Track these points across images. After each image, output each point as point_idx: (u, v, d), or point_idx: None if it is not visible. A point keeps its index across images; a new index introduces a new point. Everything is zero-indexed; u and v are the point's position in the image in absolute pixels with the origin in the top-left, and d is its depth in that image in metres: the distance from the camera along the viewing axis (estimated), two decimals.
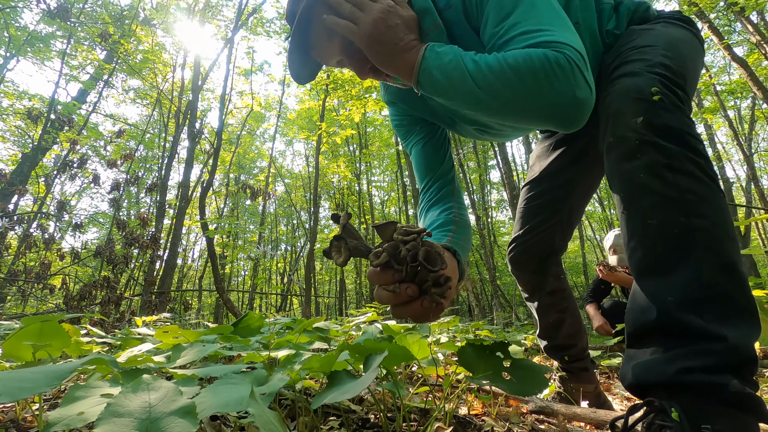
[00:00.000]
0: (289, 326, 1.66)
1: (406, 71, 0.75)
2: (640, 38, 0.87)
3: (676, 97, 0.71)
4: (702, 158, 0.67)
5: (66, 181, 10.31)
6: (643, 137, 0.67)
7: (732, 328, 0.57)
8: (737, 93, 9.02)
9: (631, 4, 0.97)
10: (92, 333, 1.58)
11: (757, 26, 6.21)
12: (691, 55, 0.86)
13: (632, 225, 0.68)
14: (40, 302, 5.58)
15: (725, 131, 17.66)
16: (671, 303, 0.60)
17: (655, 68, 0.75)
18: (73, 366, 0.52)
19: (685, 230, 0.62)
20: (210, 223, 6.00)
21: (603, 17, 0.96)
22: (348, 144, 14.38)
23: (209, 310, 15.63)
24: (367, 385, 0.58)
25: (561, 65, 0.63)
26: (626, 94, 0.73)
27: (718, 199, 0.65)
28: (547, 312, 1.24)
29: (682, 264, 0.61)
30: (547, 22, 0.70)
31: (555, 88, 0.64)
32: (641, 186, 0.67)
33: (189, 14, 7.57)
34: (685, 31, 0.92)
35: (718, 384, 0.54)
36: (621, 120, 0.71)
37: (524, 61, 0.64)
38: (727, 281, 0.60)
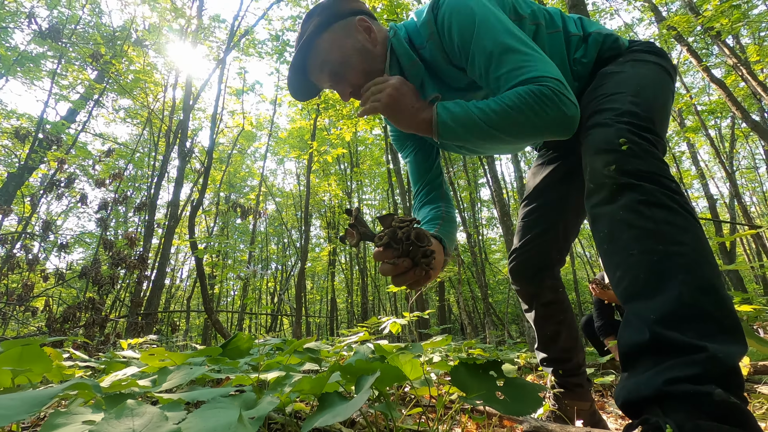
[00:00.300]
0: (279, 347, 1.63)
1: (426, 128, 0.91)
2: (610, 83, 0.93)
3: (647, 142, 0.77)
4: (677, 194, 0.72)
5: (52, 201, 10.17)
6: (619, 181, 0.74)
7: (713, 342, 0.59)
8: (717, 112, 9.32)
9: (598, 36, 1.03)
10: (75, 357, 1.53)
11: (733, 49, 6.46)
12: (660, 93, 0.92)
13: (616, 258, 0.72)
14: (22, 325, 5.41)
15: (707, 149, 18.15)
16: (654, 322, 0.63)
17: (624, 117, 0.81)
18: (54, 392, 0.50)
19: (663, 257, 0.66)
20: (199, 243, 5.94)
21: (571, 47, 1.04)
22: (339, 163, 14.45)
23: (197, 332, 15.30)
24: (358, 407, 0.57)
25: (547, 96, 0.79)
26: (598, 145, 0.80)
27: (695, 228, 0.69)
28: (543, 323, 1.26)
29: (664, 287, 0.64)
30: (525, 59, 0.84)
31: (549, 114, 0.80)
32: (621, 222, 0.72)
33: (181, 35, 7.65)
34: (654, 67, 0.97)
35: (704, 393, 0.55)
36: (596, 169, 0.78)
37: (518, 100, 0.80)
38: (707, 301, 0.62)
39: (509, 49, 0.85)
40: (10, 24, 7.18)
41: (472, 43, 0.89)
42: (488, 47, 0.87)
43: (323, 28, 0.98)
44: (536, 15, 1.03)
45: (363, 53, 1.00)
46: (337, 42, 0.98)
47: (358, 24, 1.00)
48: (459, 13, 0.91)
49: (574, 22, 1.07)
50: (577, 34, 1.04)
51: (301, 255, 8.06)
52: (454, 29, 0.92)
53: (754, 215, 18.36)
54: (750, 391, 1.53)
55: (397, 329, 1.97)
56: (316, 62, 1.00)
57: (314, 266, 18.37)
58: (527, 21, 1.00)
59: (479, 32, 0.88)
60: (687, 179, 13.62)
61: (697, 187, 14.43)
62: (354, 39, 0.99)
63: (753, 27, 8.67)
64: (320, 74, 1.02)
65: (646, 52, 1.01)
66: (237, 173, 15.56)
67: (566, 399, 1.24)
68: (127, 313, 5.37)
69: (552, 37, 1.02)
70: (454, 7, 0.92)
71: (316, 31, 0.98)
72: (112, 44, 7.73)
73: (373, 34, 1.01)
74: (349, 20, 1.00)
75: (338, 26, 0.99)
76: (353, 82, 1.01)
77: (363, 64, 1.00)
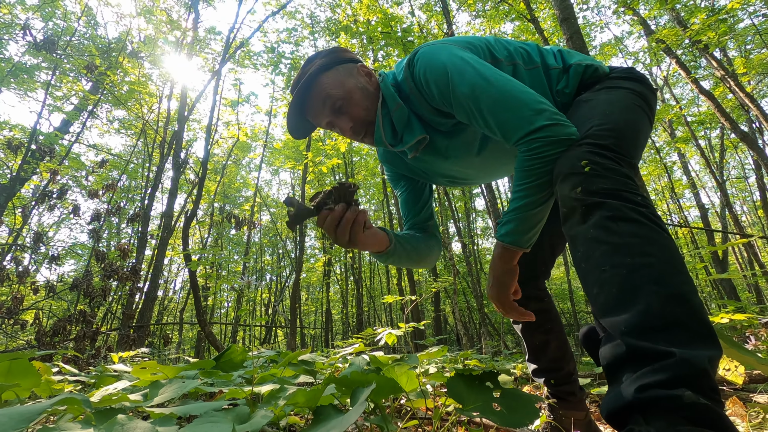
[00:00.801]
0: (273, 359, 1.62)
1: (512, 264, 0.98)
2: (581, 111, 0.97)
3: (609, 161, 0.80)
4: (642, 207, 0.74)
5: (44, 212, 10.07)
6: (586, 202, 0.76)
7: (683, 348, 0.60)
8: (707, 123, 9.48)
9: (579, 67, 1.07)
10: (65, 371, 1.50)
11: (720, 62, 6.60)
12: (630, 116, 0.95)
13: (591, 277, 0.74)
14: (10, 339, 5.31)
15: (698, 159, 18.40)
16: (627, 333, 0.64)
17: (586, 140, 0.84)
18: (42, 407, 0.49)
19: (632, 270, 0.67)
20: (193, 254, 5.89)
21: (552, 80, 1.08)
22: (334, 173, 14.47)
23: (190, 344, 15.10)
24: (354, 420, 0.57)
25: (547, 149, 0.85)
26: (563, 171, 0.83)
27: (662, 239, 0.70)
28: (531, 333, 1.27)
29: (634, 299, 0.66)
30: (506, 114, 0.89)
31: (557, 152, 0.85)
32: (592, 240, 0.74)
33: (177, 47, 7.69)
34: (626, 92, 1.00)
35: (674, 396, 0.56)
36: (564, 194, 0.81)
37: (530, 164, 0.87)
38: (676, 309, 0.64)
39: (486, 92, 0.90)
40: (5, 35, 7.18)
41: (451, 95, 0.95)
42: (466, 93, 0.92)
43: (327, 68, 1.06)
44: (512, 56, 1.07)
45: (364, 92, 1.06)
46: (340, 79, 1.05)
47: (360, 68, 1.09)
48: (432, 69, 0.97)
49: (553, 55, 1.11)
50: (557, 67, 1.08)
51: (296, 266, 8.02)
52: (431, 85, 0.98)
53: (744, 224, 18.58)
54: (746, 401, 1.53)
55: (392, 340, 1.96)
56: (318, 98, 1.05)
57: (309, 277, 18.27)
58: (504, 63, 1.05)
59: (454, 82, 0.93)
60: (678, 189, 13.78)
61: (689, 196, 14.61)
62: (356, 79, 1.07)
63: (739, 40, 8.87)
64: (322, 109, 1.06)
65: (623, 78, 1.05)
66: (232, 184, 15.52)
67: (561, 409, 1.24)
68: (118, 325, 5.29)
69: (531, 74, 1.06)
70: (426, 65, 0.98)
71: (319, 71, 1.05)
72: (107, 56, 7.74)
73: (373, 79, 1.09)
74: (351, 65, 1.09)
75: (342, 68, 1.07)
76: (354, 116, 1.06)
77: (365, 101, 1.06)
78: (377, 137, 1.08)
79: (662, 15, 9.36)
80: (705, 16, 5.64)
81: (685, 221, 14.36)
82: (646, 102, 1.02)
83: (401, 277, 10.01)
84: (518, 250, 0.95)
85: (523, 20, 7.30)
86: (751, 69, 7.33)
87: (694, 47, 6.71)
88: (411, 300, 4.81)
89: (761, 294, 13.50)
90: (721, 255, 9.95)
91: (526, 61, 1.07)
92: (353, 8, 7.86)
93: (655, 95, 1.07)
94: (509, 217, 0.93)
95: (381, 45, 6.75)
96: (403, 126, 1.07)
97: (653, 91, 1.06)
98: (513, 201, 0.92)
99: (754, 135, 9.35)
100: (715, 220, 16.06)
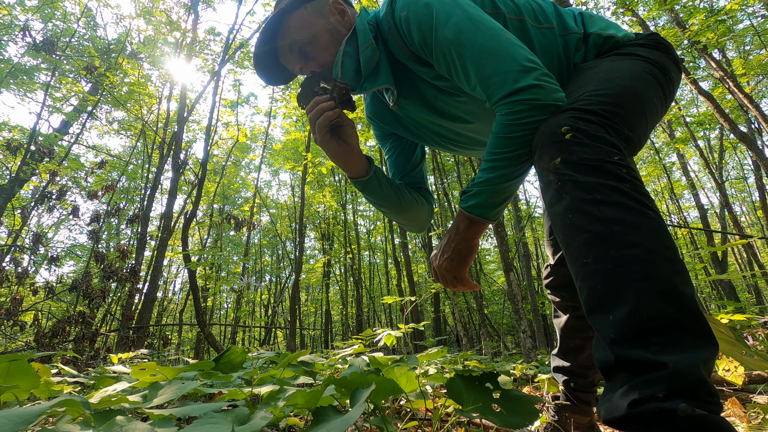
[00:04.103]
0: (272, 360, 1.61)
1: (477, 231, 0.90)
2: (579, 78, 0.89)
3: (595, 125, 0.71)
4: (626, 183, 0.66)
5: (44, 213, 10.06)
6: (562, 178, 0.68)
7: (675, 354, 0.57)
8: (705, 124, 9.49)
9: (598, 38, 0.95)
10: (64, 372, 1.50)
11: (719, 63, 6.61)
12: (634, 83, 0.83)
13: (573, 266, 0.68)
14: (9, 340, 5.30)
15: (697, 160, 18.42)
16: (615, 342, 0.60)
17: (573, 105, 0.76)
18: (41, 409, 0.49)
19: (617, 264, 0.62)
20: (192, 255, 5.88)
21: (569, 48, 0.96)
22: (334, 174, 14.47)
23: (190, 345, 15.07)
24: (353, 422, 0.57)
25: (530, 114, 0.76)
26: (541, 139, 0.75)
27: (648, 221, 0.64)
28: (571, 334, 1.21)
29: (621, 299, 0.61)
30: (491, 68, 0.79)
31: (541, 120, 0.76)
32: (571, 226, 0.67)
33: (176, 48, 7.69)
34: (637, 60, 0.88)
35: (668, 410, 0.54)
36: (542, 165, 0.73)
37: (509, 131, 0.78)
38: (668, 307, 0.59)
39: (470, 42, 0.81)
40: (4, 36, 7.18)
41: (432, 41, 0.85)
42: (448, 38, 0.82)
43: (295, 6, 0.95)
44: (520, 10, 0.95)
45: (333, 33, 0.97)
46: (307, 20, 0.95)
47: (332, 5, 0.98)
48: (415, 7, 0.86)
49: (573, 18, 0.98)
50: (578, 32, 0.96)
51: (296, 266, 8.01)
52: (412, 26, 0.87)
53: (744, 224, 18.59)
54: (746, 401, 1.53)
55: (392, 341, 1.96)
56: (284, 43, 0.97)
57: (309, 278, 18.26)
58: (507, 16, 0.93)
59: (437, 25, 0.83)
60: (678, 189, 13.79)
61: (688, 197, 14.61)
62: (326, 20, 0.97)
63: (738, 41, 8.89)
64: (290, 55, 0.98)
65: (640, 46, 0.92)
66: (231, 185, 15.51)
67: (568, 411, 1.23)
68: (118, 327, 5.28)
69: (543, 34, 0.94)
70: (409, 3, 0.88)
71: (286, 10, 0.95)
72: (106, 57, 7.74)
73: (347, 17, 0.99)
74: (321, 1, 0.98)
75: (311, 5, 0.96)
76: (322, 62, 0.98)
77: (333, 45, 0.96)
78: (334, 74, 0.95)
79: (661, 16, 9.38)
80: (704, 17, 5.65)
81: (684, 222, 14.38)
82: (663, 72, 0.89)
83: (401, 278, 10.01)
84: (485, 223, 0.87)
85: None
86: (750, 70, 7.34)
87: (693, 48, 6.71)
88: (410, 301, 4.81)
89: (761, 294, 13.51)
90: (720, 256, 9.95)
91: (537, 18, 0.95)
92: None
93: (679, 66, 0.95)
94: (479, 188, 0.83)
95: None
96: (370, 68, 0.95)
97: (676, 60, 0.94)
98: (485, 170, 0.82)
99: (753, 136, 9.36)
100: (715, 221, 16.08)
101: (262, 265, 18.07)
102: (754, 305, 10.12)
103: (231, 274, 15.68)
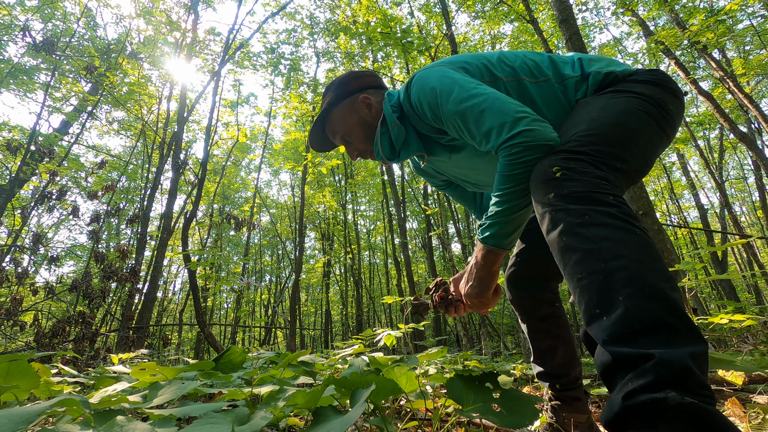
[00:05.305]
0: (272, 360, 1.62)
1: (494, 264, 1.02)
2: (574, 114, 0.99)
3: (586, 164, 0.80)
4: (613, 207, 0.73)
5: (43, 213, 10.06)
6: (556, 208, 0.77)
7: (662, 348, 0.60)
8: (705, 124, 9.49)
9: (598, 75, 1.04)
10: (64, 372, 1.50)
11: (719, 63, 6.61)
12: (623, 120, 0.91)
13: (571, 284, 0.74)
14: (9, 340, 5.30)
15: (697, 160, 18.43)
16: (609, 342, 0.65)
17: (564, 146, 0.86)
18: (41, 408, 0.49)
19: (607, 275, 0.67)
20: (192, 255, 5.88)
21: (569, 90, 1.06)
22: (334, 174, 14.47)
23: (190, 345, 15.07)
24: (353, 422, 0.57)
25: (525, 153, 0.87)
26: (535, 178, 0.85)
27: (635, 237, 0.70)
28: (539, 337, 1.26)
29: (612, 304, 0.65)
30: (489, 124, 0.93)
31: (536, 158, 0.87)
32: (566, 248, 0.74)
33: (176, 48, 7.69)
34: (630, 97, 0.96)
35: (659, 399, 0.56)
36: (537, 199, 0.83)
37: (510, 170, 0.90)
38: (655, 308, 0.63)
39: (471, 109, 0.96)
40: (4, 36, 7.18)
41: (441, 115, 1.02)
42: (452, 110, 0.99)
43: (334, 105, 1.21)
44: (516, 72, 1.07)
45: (364, 126, 1.20)
46: (344, 116, 1.21)
47: (361, 101, 1.20)
48: (424, 93, 1.05)
49: (571, 65, 1.09)
50: (573, 76, 1.06)
51: (296, 266, 8.01)
52: (425, 107, 1.05)
53: (744, 224, 18.60)
54: (746, 401, 1.52)
55: (392, 341, 1.96)
56: (330, 130, 1.25)
57: (309, 278, 18.26)
58: (504, 81, 1.06)
59: (442, 102, 1.01)
60: (678, 189, 13.80)
61: (688, 197, 14.63)
62: (357, 115, 1.20)
63: (738, 41, 8.89)
64: (334, 137, 1.27)
65: (638, 82, 1.00)
66: (231, 185, 15.51)
67: (564, 411, 1.24)
68: (118, 327, 5.28)
69: (540, 87, 1.06)
70: (419, 89, 1.06)
71: (328, 108, 1.22)
72: (106, 57, 7.73)
73: (373, 109, 1.20)
74: (354, 98, 1.21)
75: (347, 102, 1.21)
76: (358, 147, 1.23)
77: (364, 135, 1.21)
78: (375, 151, 1.21)
79: (661, 16, 9.38)
80: (704, 17, 5.65)
81: (684, 222, 14.38)
82: (659, 106, 0.96)
83: (401, 278, 10.01)
84: (501, 252, 0.98)
85: (523, 21, 7.31)
86: (749, 70, 7.34)
87: (692, 48, 6.72)
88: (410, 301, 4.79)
89: (761, 294, 13.52)
90: (720, 255, 9.96)
91: (535, 74, 1.07)
92: (353, 9, 7.87)
93: (679, 97, 1.01)
94: (492, 221, 0.96)
95: (380, 46, 6.75)
96: (401, 143, 1.18)
97: (675, 93, 1.00)
98: (495, 204, 0.95)
99: (753, 135, 9.36)
100: (715, 221, 16.08)
101: (262, 265, 18.08)
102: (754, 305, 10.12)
103: (231, 274, 15.68)
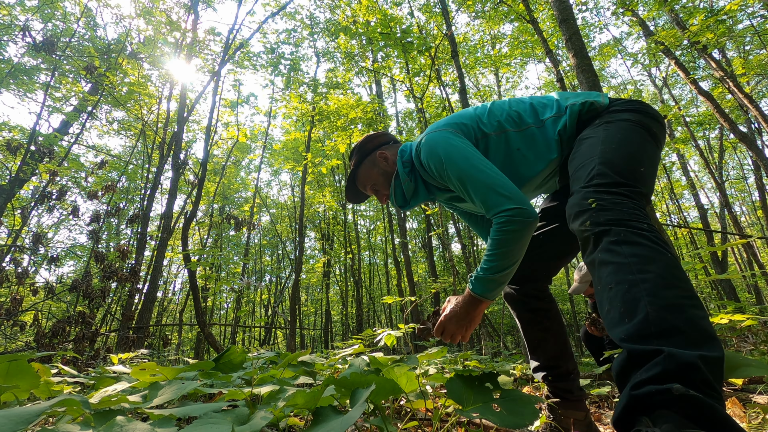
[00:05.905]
0: (272, 360, 1.62)
1: (479, 306, 1.16)
2: (582, 149, 1.09)
3: (615, 195, 0.90)
4: (646, 232, 0.81)
5: (43, 213, 10.06)
6: (594, 231, 0.86)
7: (672, 347, 0.63)
8: (705, 124, 9.48)
9: (574, 107, 1.19)
10: (64, 372, 1.50)
11: (719, 62, 6.60)
12: (632, 148, 1.03)
13: (603, 296, 0.80)
14: (9, 340, 5.30)
15: (697, 160, 18.43)
16: (626, 340, 0.69)
17: (592, 180, 0.96)
18: (41, 409, 0.49)
19: (633, 285, 0.74)
20: (192, 255, 5.88)
21: (548, 129, 1.22)
22: (334, 174, 14.47)
23: (190, 345, 15.06)
24: (353, 422, 0.57)
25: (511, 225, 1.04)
26: (574, 210, 0.95)
27: (662, 257, 0.76)
28: (529, 329, 1.36)
29: (635, 310, 0.71)
30: (484, 197, 1.10)
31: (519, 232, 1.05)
32: (601, 263, 0.82)
33: (176, 48, 7.68)
34: (626, 124, 1.09)
35: (663, 390, 0.59)
36: (575, 228, 0.93)
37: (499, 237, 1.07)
38: (673, 317, 0.67)
39: (470, 180, 1.13)
40: (4, 37, 7.17)
41: (446, 178, 1.21)
42: (455, 177, 1.17)
43: (359, 165, 1.48)
44: (502, 125, 1.25)
45: (385, 175, 1.45)
46: (368, 172, 1.47)
47: (378, 157, 1.45)
48: (432, 158, 1.23)
49: (550, 107, 1.24)
50: (551, 116, 1.22)
51: (296, 266, 8.01)
52: (432, 169, 1.24)
53: (744, 224, 18.59)
54: (746, 401, 1.53)
55: (392, 341, 1.96)
56: (360, 184, 1.52)
57: (309, 278, 18.24)
58: (493, 137, 1.25)
59: (447, 168, 1.18)
60: (678, 189, 13.79)
61: (688, 197, 14.63)
62: (378, 167, 1.45)
63: (738, 41, 8.89)
64: (364, 189, 1.52)
65: (621, 111, 1.13)
66: (231, 185, 15.50)
67: (560, 408, 1.25)
68: (118, 327, 5.28)
69: (524, 134, 1.24)
70: (428, 154, 1.24)
71: (355, 168, 1.49)
72: (106, 57, 7.73)
73: (390, 160, 1.44)
74: (373, 156, 1.46)
75: (368, 161, 1.47)
76: (384, 193, 1.48)
77: (387, 182, 1.45)
78: (391, 200, 1.46)
79: (661, 16, 9.38)
80: (704, 17, 5.65)
81: (684, 222, 14.37)
82: (648, 130, 1.09)
83: (401, 278, 10.01)
84: (486, 301, 1.13)
85: (523, 21, 7.31)
86: (749, 70, 7.34)
87: (692, 48, 6.72)
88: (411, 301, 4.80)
89: (761, 294, 13.51)
90: (720, 255, 9.96)
91: (518, 123, 1.25)
92: (353, 9, 7.86)
93: (661, 122, 1.14)
94: (480, 275, 1.11)
95: (380, 46, 6.75)
96: (411, 194, 1.40)
97: (656, 118, 1.13)
98: (485, 261, 1.10)
99: (753, 135, 9.36)
100: (715, 221, 16.08)
101: (262, 265, 18.07)
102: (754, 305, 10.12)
103: (231, 274, 15.67)
